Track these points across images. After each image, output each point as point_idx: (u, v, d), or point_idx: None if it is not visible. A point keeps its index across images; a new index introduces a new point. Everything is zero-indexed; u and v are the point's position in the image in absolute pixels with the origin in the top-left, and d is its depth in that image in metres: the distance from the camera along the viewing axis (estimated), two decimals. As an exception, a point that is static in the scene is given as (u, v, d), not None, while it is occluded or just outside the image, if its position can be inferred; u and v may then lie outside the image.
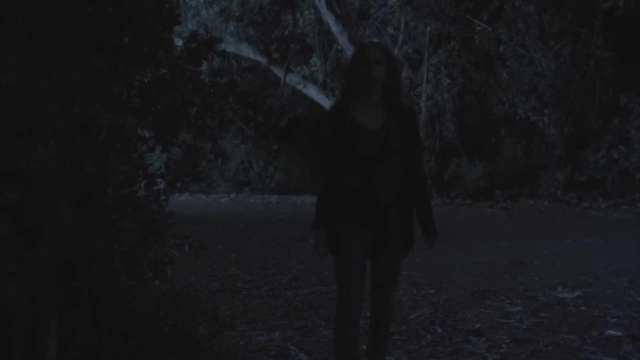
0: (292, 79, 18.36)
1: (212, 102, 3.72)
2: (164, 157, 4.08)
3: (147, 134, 3.83)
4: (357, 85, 3.80)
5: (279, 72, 18.58)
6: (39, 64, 3.00)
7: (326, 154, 3.88)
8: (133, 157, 3.66)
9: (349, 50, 15.98)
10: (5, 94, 2.79)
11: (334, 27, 16.68)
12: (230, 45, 16.89)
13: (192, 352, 4.69)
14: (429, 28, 16.32)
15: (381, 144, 3.74)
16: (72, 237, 3.32)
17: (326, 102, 16.68)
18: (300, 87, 18.21)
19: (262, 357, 5.06)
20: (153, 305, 4.66)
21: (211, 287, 7.08)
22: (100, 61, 3.25)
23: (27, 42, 3.04)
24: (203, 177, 18.20)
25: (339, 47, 16.78)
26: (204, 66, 4.31)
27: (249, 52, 18.64)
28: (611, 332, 5.19)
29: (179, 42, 4.37)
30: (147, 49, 3.89)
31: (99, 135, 3.19)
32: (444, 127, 16.76)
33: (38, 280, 3.53)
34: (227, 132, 18.84)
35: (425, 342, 5.19)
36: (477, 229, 10.70)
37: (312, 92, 17.78)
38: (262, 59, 18.75)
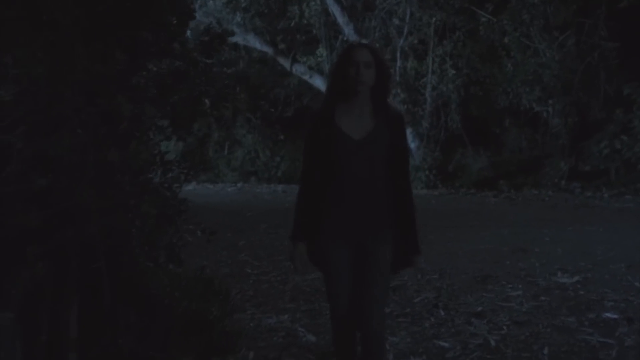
0: (298, 69, 18.54)
1: (225, 93, 3.91)
2: (179, 145, 4.29)
3: (164, 124, 4.03)
4: (343, 88, 3.47)
5: (285, 62, 18.76)
6: (65, 57, 3.19)
7: (306, 161, 3.59)
8: (151, 145, 3.86)
9: (355, 41, 16.17)
10: (35, 86, 2.99)
11: (340, 18, 16.85)
12: (237, 36, 17.07)
13: (205, 332, 4.91)
14: (434, 19, 16.45)
15: (365, 154, 3.46)
16: (94, 221, 3.53)
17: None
18: (306, 77, 18.39)
19: (271, 337, 5.28)
20: (168, 287, 4.89)
21: (221, 273, 7.27)
22: (121, 54, 3.45)
23: (53, 37, 3.24)
24: (210, 167, 18.40)
25: (345, 38, 16.91)
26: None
27: (255, 42, 18.82)
28: (608, 314, 5.40)
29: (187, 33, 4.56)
30: (163, 43, 4.09)
31: (121, 124, 3.39)
32: (448, 117, 16.89)
33: (62, 261, 3.74)
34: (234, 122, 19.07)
35: (429, 324, 5.40)
36: (481, 218, 10.91)
37: (318, 82, 17.94)
38: (269, 50, 18.93)
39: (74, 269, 3.92)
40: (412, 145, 16.47)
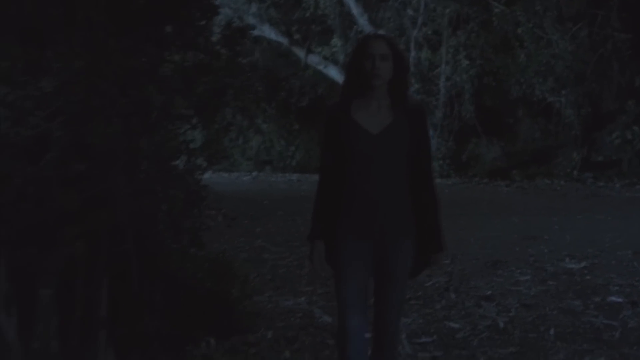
0: (313, 59, 18.75)
1: (248, 84, 4.14)
2: (203, 134, 4.54)
3: (189, 113, 4.27)
4: (359, 82, 3.31)
5: (300, 52, 18.98)
6: (100, 52, 3.44)
7: (323, 157, 3.47)
8: (178, 133, 4.11)
9: (369, 32, 16.36)
10: (74, 79, 3.23)
11: (355, 9, 17.04)
12: (252, 27, 17.29)
13: (225, 313, 5.15)
14: (448, 10, 16.60)
15: (384, 148, 3.29)
16: (124, 205, 3.78)
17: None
18: (321, 67, 18.59)
19: (289, 318, 5.52)
20: (191, 269, 5.13)
21: (239, 258, 7.52)
22: (151, 49, 3.69)
23: (89, 34, 3.49)
24: (225, 156, 18.65)
25: (360, 29, 17.09)
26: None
27: (270, 33, 19.03)
28: (613, 298, 5.62)
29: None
30: (188, 37, 4.33)
31: (151, 114, 3.64)
32: (462, 107, 17.06)
33: (94, 242, 3.99)
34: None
35: (440, 307, 5.63)
36: (492, 206, 11.12)
37: (333, 72, 18.13)
38: (284, 40, 19.14)
39: (105, 251, 4.17)
40: (427, 135, 16.67)
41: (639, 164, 14.72)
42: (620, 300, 5.56)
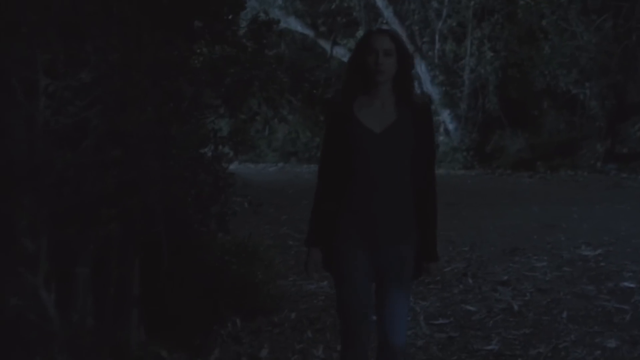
0: (339, 51, 18.95)
1: (274, 76, 4.37)
2: (230, 123, 4.78)
3: (217, 103, 4.51)
4: (362, 78, 3.17)
5: (325, 45, 19.18)
6: (135, 45, 3.68)
7: (323, 157, 3.34)
8: (206, 122, 4.35)
9: (394, 24, 16.53)
10: (111, 70, 3.48)
11: (380, 1, 17.20)
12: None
13: (251, 294, 5.41)
14: (472, 2, 16.69)
15: (387, 148, 3.15)
16: (158, 189, 4.03)
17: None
18: (346, 59, 18.72)
19: (312, 301, 5.76)
20: (218, 252, 5.38)
21: (264, 244, 7.77)
22: (182, 42, 3.93)
23: (124, 28, 3.73)
24: (252, 145, 18.92)
25: (385, 21, 17.24)
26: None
27: (296, 25, 19.26)
28: (625, 284, 5.79)
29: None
30: (216, 31, 4.56)
31: (182, 103, 3.88)
32: (486, 99, 17.16)
33: (128, 224, 4.24)
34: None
35: (458, 291, 5.84)
36: (513, 196, 11.29)
37: (358, 64, 18.29)
38: (310, 32, 19.36)
39: (137, 232, 4.42)
40: (450, 126, 16.86)
41: (663, 155, 14.76)
42: (632, 285, 5.73)
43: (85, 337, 3.78)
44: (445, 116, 16.98)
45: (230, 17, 4.61)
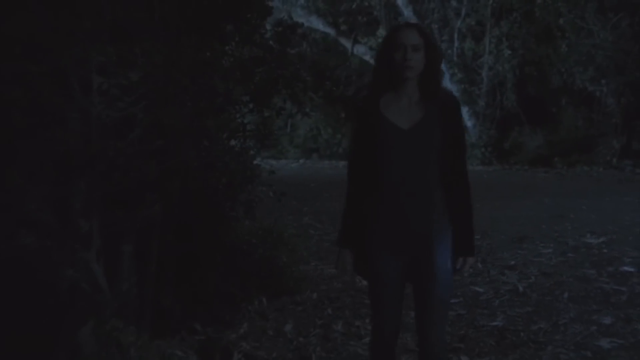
0: (359, 49, 19.38)
1: (299, 74, 4.83)
2: (256, 118, 5.25)
3: (246, 99, 4.98)
4: (389, 74, 3.08)
5: (346, 43, 19.61)
6: (175, 48, 4.15)
7: (351, 156, 3.28)
8: (236, 117, 4.83)
9: (414, 23, 16.88)
10: (155, 70, 3.95)
11: (400, 0, 17.60)
12: (300, 18, 17.95)
13: (276, 276, 5.86)
14: (491, 0, 17.07)
15: (416, 145, 3.05)
16: (195, 175, 4.50)
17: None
18: (366, 57, 19.19)
19: (332, 283, 6.21)
20: (246, 236, 5.85)
21: (287, 233, 8.23)
22: (217, 45, 4.40)
23: (165, 31, 4.21)
24: (275, 138, 19.38)
25: (405, 20, 17.63)
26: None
27: (318, 24, 19.70)
28: (625, 268, 6.21)
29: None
30: (245, 34, 5.03)
31: (216, 99, 4.35)
32: (504, 96, 17.51)
33: (168, 207, 4.70)
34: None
35: (467, 274, 6.25)
36: (527, 190, 11.72)
37: (379, 62, 18.67)
38: (331, 31, 19.80)
39: (176, 216, 4.89)
40: (469, 123, 17.23)
41: (678, 152, 15.05)
42: (632, 269, 6.14)
43: (132, 303, 4.25)
44: (463, 113, 17.32)
45: (258, 21, 5.08)
